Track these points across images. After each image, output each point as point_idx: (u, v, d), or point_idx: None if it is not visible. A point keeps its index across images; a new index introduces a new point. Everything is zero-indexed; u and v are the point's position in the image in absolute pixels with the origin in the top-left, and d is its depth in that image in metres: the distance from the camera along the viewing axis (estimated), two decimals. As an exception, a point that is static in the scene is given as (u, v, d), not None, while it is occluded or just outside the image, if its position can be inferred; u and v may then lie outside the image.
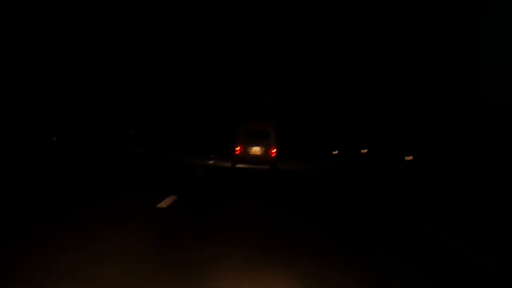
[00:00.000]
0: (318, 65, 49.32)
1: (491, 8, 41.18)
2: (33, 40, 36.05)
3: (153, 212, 8.86)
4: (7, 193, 10.91)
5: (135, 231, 7.06)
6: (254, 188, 15.29)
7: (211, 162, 28.29)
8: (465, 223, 9.89)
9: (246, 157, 23.20)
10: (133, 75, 44.61)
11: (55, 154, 26.47)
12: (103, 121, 43.23)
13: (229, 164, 24.60)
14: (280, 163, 24.50)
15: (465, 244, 7.39)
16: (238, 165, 23.66)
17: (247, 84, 48.93)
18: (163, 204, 9.73)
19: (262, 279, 4.99)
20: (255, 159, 23.25)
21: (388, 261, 6.08)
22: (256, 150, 23.11)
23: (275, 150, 23.29)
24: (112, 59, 41.69)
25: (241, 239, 6.80)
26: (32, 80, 36.95)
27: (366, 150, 44.07)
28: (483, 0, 41.35)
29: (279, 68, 49.68)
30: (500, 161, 28.74)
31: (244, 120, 25.63)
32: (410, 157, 34.41)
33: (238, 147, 23.16)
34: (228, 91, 48.66)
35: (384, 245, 7.13)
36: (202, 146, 45.28)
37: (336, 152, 49.05)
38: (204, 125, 49.68)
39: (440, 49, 42.54)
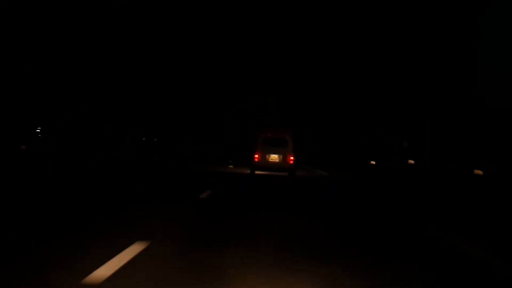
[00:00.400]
0: (318, 65, 49.32)
1: (491, 8, 41.19)
2: (33, 40, 36.04)
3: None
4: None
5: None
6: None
7: (229, 167, 28.09)
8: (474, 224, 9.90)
9: (265, 164, 23.89)
10: (133, 75, 44.59)
11: (56, 155, 26.47)
12: (103, 121, 43.21)
13: (247, 171, 25.19)
14: (303, 171, 24.69)
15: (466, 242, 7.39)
16: (257, 172, 24.22)
17: (247, 84, 48.94)
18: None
19: None
20: (274, 166, 23.92)
21: (393, 261, 6.08)
22: (274, 157, 23.79)
23: (292, 157, 23.88)
24: (112, 59, 41.67)
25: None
26: (32, 80, 36.92)
27: (413, 161, 38.51)
28: (483, 0, 41.36)
29: (279, 68, 49.69)
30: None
31: (261, 128, 26.33)
32: (480, 171, 27.69)
33: (257, 155, 23.79)
34: (228, 91, 48.67)
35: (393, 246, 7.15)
36: (203, 147, 45.21)
37: (374, 162, 42.65)
38: (204, 125, 49.67)
39: (440, 49, 42.54)
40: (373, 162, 42.25)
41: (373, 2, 45.45)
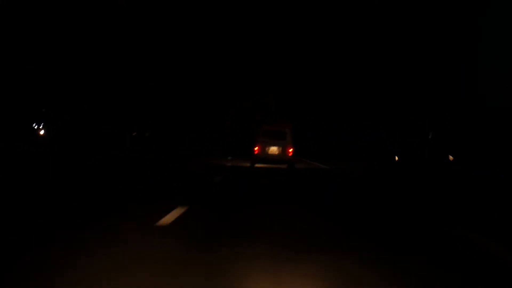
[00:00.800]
0: (318, 65, 49.31)
1: (491, 8, 41.20)
2: (33, 40, 36.04)
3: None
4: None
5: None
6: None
7: (229, 163, 28.21)
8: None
9: (265, 157, 24.60)
10: (133, 75, 44.59)
11: (55, 154, 26.44)
12: (103, 121, 43.20)
13: (247, 164, 25.73)
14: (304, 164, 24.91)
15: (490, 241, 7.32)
16: (257, 165, 24.80)
17: (247, 84, 48.94)
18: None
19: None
20: (273, 158, 24.71)
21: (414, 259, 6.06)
22: (273, 150, 24.41)
23: (291, 149, 24.47)
24: (112, 59, 41.65)
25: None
26: (32, 80, 36.91)
27: (452, 158, 32.66)
28: (483, 0, 41.36)
29: (279, 68, 49.68)
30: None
31: (261, 123, 27.02)
32: None
33: (257, 147, 24.44)
34: (228, 91, 48.67)
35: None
36: (203, 147, 45.19)
37: (397, 158, 36.92)
38: (204, 125, 49.68)
39: (440, 49, 42.54)
40: (397, 158, 37.05)
41: (373, 2, 45.47)
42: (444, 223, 9.10)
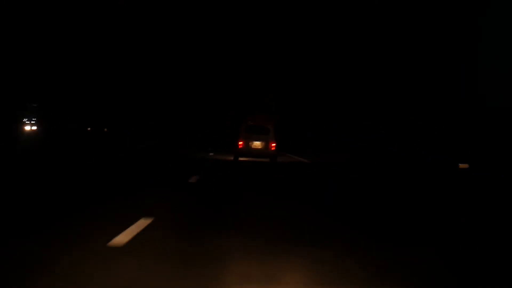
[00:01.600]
0: (318, 65, 49.31)
1: (491, 8, 41.22)
2: (33, 40, 36.06)
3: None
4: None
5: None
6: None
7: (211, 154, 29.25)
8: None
9: (248, 151, 25.48)
10: (133, 75, 44.61)
11: (56, 154, 26.46)
12: (103, 121, 43.20)
13: (230, 158, 26.60)
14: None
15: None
16: (240, 158, 25.60)
17: (247, 84, 48.96)
18: None
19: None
20: (257, 152, 25.55)
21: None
22: (257, 144, 25.12)
23: (274, 144, 25.20)
24: (112, 59, 41.68)
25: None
26: (32, 80, 36.93)
27: None
28: (483, 0, 41.37)
29: (279, 68, 49.68)
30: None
31: (245, 117, 27.73)
32: None
33: (241, 142, 25.24)
34: (228, 91, 48.70)
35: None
36: (203, 147, 45.18)
37: (467, 165, 26.00)
38: (204, 125, 49.68)
39: (440, 49, 42.55)
40: (465, 165, 25.88)
41: (373, 2, 45.47)
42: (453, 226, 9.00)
